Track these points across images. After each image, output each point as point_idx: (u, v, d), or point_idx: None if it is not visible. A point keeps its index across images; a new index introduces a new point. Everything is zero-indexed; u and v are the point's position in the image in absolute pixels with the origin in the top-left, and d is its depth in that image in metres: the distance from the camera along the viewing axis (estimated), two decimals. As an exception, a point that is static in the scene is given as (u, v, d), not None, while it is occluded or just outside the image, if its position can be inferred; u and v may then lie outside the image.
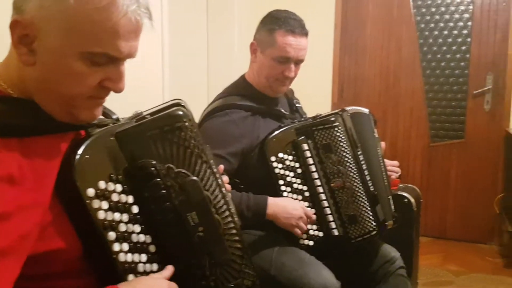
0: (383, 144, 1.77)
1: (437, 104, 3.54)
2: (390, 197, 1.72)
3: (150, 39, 2.37)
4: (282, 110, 1.63)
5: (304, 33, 1.54)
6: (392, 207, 1.70)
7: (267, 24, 1.54)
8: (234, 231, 0.90)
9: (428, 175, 3.59)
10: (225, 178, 1.06)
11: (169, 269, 0.82)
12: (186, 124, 0.83)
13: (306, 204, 1.51)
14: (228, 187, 1.06)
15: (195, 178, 0.83)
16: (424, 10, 3.49)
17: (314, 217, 1.49)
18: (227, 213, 0.90)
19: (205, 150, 0.87)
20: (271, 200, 1.44)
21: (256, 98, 1.58)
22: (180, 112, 0.83)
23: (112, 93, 0.80)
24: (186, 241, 0.83)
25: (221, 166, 1.09)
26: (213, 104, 1.58)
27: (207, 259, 0.84)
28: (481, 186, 3.42)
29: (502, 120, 3.30)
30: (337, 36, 3.72)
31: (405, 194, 2.13)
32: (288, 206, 1.44)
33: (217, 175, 0.90)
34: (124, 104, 0.99)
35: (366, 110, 1.75)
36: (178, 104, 0.85)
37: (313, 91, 3.78)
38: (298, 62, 1.56)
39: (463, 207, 3.48)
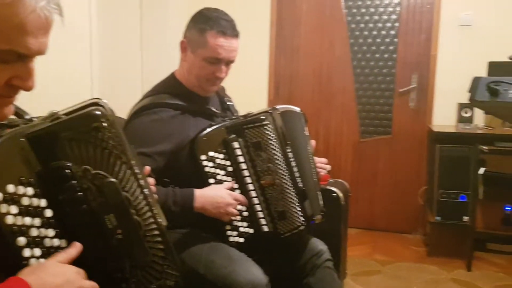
0: (313, 142, 1.82)
1: (367, 102, 3.69)
2: (319, 192, 1.78)
3: (78, 36, 2.28)
4: (213, 109, 1.63)
5: (235, 34, 1.55)
6: (321, 202, 1.76)
7: (197, 23, 1.53)
8: (156, 232, 0.89)
9: (358, 169, 3.74)
10: (151, 180, 1.05)
11: (76, 246, 0.80)
12: (104, 124, 0.81)
13: (237, 202, 1.52)
14: (153, 188, 1.04)
15: (113, 179, 0.82)
16: (354, 10, 3.62)
17: (242, 198, 1.50)
18: (148, 214, 0.88)
19: (126, 150, 0.85)
20: (198, 192, 1.44)
21: (186, 97, 1.57)
22: (98, 112, 0.81)
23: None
24: (104, 244, 0.81)
25: (147, 168, 1.07)
26: (142, 102, 1.55)
27: (127, 261, 0.83)
28: (406, 179, 3.62)
29: (426, 117, 3.50)
30: (272, 35, 3.78)
31: (334, 189, 2.21)
32: (215, 196, 1.44)
33: (139, 176, 0.88)
34: (51, 103, 0.96)
35: (297, 109, 1.78)
36: (96, 104, 0.83)
37: (250, 89, 3.83)
38: (229, 62, 1.57)
39: (390, 199, 3.67)
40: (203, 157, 1.47)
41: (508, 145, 2.74)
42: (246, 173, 1.53)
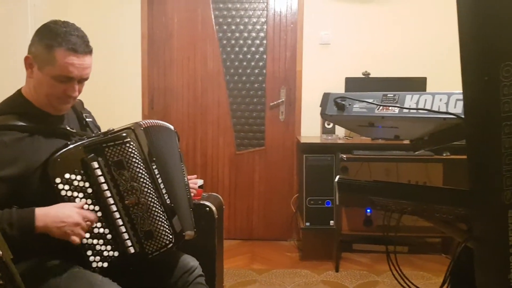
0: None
1: (241, 115, 3.80)
2: (191, 207, 1.78)
3: None
4: (68, 128, 1.51)
5: (88, 51, 1.45)
6: (192, 218, 1.75)
7: (44, 39, 1.40)
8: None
9: (235, 180, 3.82)
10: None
11: None
12: None
13: (99, 224, 1.45)
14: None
15: None
16: (225, 27, 3.71)
17: (93, 216, 1.41)
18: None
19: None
20: (40, 211, 1.31)
21: (37, 117, 1.44)
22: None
23: None
24: None
25: None
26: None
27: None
28: (280, 189, 3.79)
29: (294, 129, 3.71)
30: (144, 48, 3.71)
31: (207, 203, 2.21)
32: (60, 214, 1.32)
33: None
34: None
35: (165, 124, 1.76)
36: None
37: (124, 103, 3.71)
38: (82, 80, 1.46)
39: (266, 209, 3.80)
40: (58, 180, 1.37)
41: (364, 153, 3.02)
42: (108, 193, 1.45)
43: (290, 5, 3.66)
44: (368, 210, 3.40)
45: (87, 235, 1.40)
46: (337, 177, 1.60)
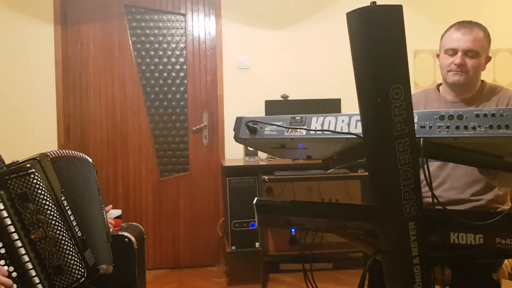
0: None
1: (163, 141, 3.74)
2: (109, 240, 1.72)
3: None
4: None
5: None
6: (109, 251, 1.69)
7: None
8: None
9: (160, 208, 3.74)
10: None
11: None
12: None
13: (3, 262, 1.35)
14: None
15: None
16: (143, 53, 3.68)
17: (3, 270, 1.33)
18: None
19: None
20: None
21: None
22: None
23: None
24: None
25: None
26: None
27: None
28: (207, 213, 3.75)
29: (218, 152, 3.72)
30: (58, 74, 3.57)
31: (126, 233, 2.14)
32: None
33: None
34: None
35: (79, 154, 1.70)
36: None
37: (37, 133, 3.54)
38: None
39: (192, 235, 3.74)
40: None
41: (285, 174, 3.09)
42: (12, 228, 1.37)
43: (208, 31, 3.71)
44: (293, 230, 3.46)
45: None
46: (255, 199, 1.62)
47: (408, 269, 1.16)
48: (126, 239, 2.12)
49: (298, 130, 1.32)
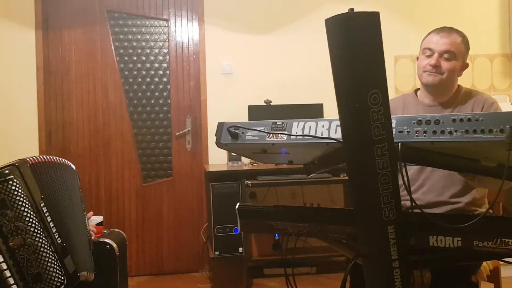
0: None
1: (146, 146, 3.72)
2: (89, 246, 1.70)
3: None
4: None
5: None
6: (91, 258, 1.68)
7: None
8: None
9: (143, 214, 3.71)
10: None
11: None
12: None
13: (-20, 270, 1.33)
14: None
15: None
16: (126, 58, 3.66)
17: None
18: None
19: None
20: None
21: None
22: None
23: None
24: None
25: None
26: None
27: None
28: (190, 219, 3.74)
29: (202, 158, 3.71)
30: (40, 80, 3.54)
31: (107, 240, 2.11)
32: None
33: None
34: None
35: (60, 160, 1.69)
36: None
37: (19, 139, 3.49)
38: None
39: (176, 241, 3.72)
40: None
41: (268, 178, 3.10)
42: (-11, 236, 1.35)
43: (191, 36, 3.71)
44: (276, 234, 3.46)
45: None
46: (238, 204, 1.62)
47: (388, 272, 1.18)
48: (108, 246, 2.10)
49: (279, 135, 1.33)
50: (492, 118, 1.04)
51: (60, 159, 1.71)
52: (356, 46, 1.03)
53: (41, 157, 1.62)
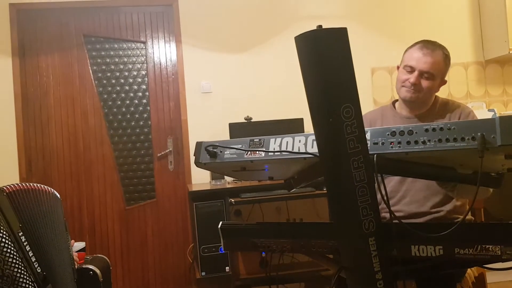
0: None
1: (128, 169, 3.69)
2: (73, 274, 1.67)
3: None
4: None
5: None
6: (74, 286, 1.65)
7: None
8: None
9: (127, 238, 3.66)
10: None
11: None
12: None
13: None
14: None
15: None
16: (104, 81, 3.65)
17: None
18: None
19: None
20: None
21: None
22: None
23: None
24: None
25: None
26: None
27: None
28: (175, 240, 3.70)
29: (185, 178, 3.69)
30: (18, 107, 3.50)
31: (90, 266, 2.08)
32: None
33: None
34: None
35: (41, 187, 1.66)
36: None
37: (-2, 168, 3.43)
38: None
39: (162, 263, 3.67)
40: None
41: (251, 195, 3.09)
42: (-36, 269, 1.32)
43: (169, 57, 3.72)
44: (263, 252, 3.44)
45: None
46: (220, 223, 1.61)
47: (371, 284, 1.17)
48: (91, 272, 2.07)
49: (257, 152, 1.34)
50: (463, 126, 1.06)
51: (41, 185, 1.68)
52: (325, 62, 1.05)
53: (20, 184, 1.59)
